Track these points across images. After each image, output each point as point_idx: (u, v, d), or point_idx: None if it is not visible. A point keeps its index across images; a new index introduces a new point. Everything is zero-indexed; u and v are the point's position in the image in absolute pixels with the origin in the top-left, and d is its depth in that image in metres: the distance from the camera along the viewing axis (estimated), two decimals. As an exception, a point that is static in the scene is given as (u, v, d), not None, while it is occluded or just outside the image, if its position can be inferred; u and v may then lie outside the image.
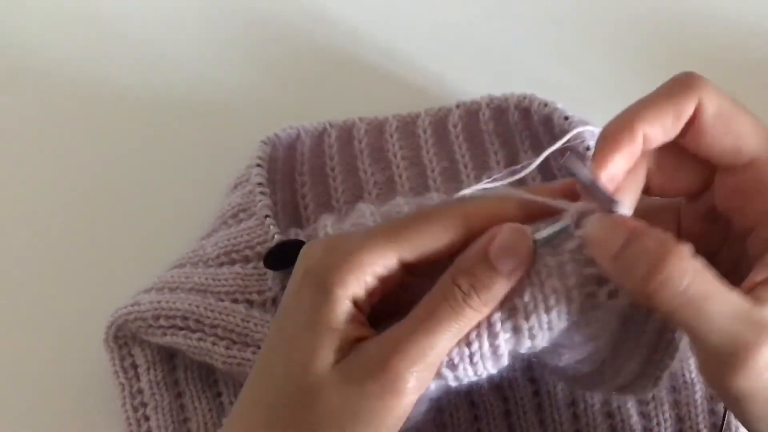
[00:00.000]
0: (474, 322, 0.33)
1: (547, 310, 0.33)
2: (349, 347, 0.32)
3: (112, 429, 0.47)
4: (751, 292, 0.31)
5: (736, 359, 0.30)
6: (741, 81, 0.55)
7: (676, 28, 0.58)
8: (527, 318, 0.33)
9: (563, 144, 0.38)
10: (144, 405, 0.47)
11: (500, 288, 0.33)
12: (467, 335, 0.33)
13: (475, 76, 0.56)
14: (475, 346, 0.33)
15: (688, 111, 0.33)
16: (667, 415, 0.46)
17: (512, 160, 0.52)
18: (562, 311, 0.33)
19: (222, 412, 0.47)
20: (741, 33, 0.57)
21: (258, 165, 0.49)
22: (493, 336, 0.33)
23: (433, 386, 0.34)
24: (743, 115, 0.33)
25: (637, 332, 0.37)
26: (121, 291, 0.48)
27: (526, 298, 0.33)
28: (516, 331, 0.33)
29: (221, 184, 0.51)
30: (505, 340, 0.34)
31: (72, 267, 0.52)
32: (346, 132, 0.53)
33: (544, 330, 0.33)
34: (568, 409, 0.46)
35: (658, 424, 0.46)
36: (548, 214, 0.34)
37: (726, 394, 0.31)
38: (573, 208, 0.33)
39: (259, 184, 0.48)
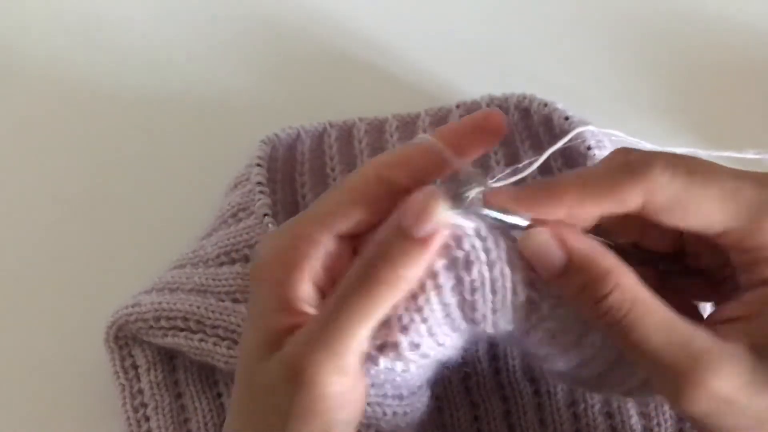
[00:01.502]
0: (388, 300, 0.31)
1: (491, 268, 0.32)
2: (281, 339, 0.31)
3: (112, 429, 0.47)
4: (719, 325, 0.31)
5: (680, 386, 0.30)
6: (740, 81, 0.55)
7: (675, 28, 0.58)
8: (469, 271, 0.32)
9: (564, 144, 0.37)
10: (144, 405, 0.47)
11: (415, 256, 0.30)
12: (415, 300, 0.32)
13: (475, 76, 0.56)
14: (426, 310, 0.32)
15: (631, 203, 0.30)
16: (667, 415, 0.46)
17: (512, 160, 0.52)
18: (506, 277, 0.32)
19: (222, 412, 0.47)
20: (741, 33, 0.57)
21: (258, 164, 0.49)
22: (440, 293, 0.32)
23: (413, 367, 0.33)
24: (703, 196, 0.30)
25: None
26: (121, 291, 0.48)
27: (466, 247, 0.31)
28: (459, 283, 0.32)
29: (221, 184, 0.51)
30: (457, 306, 0.33)
31: (72, 267, 0.52)
32: (347, 132, 0.53)
33: (486, 288, 0.32)
34: (568, 409, 0.46)
35: (658, 424, 0.46)
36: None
37: (685, 417, 0.32)
38: (465, 172, 0.31)
39: (259, 183, 0.48)
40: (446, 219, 0.30)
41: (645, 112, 0.54)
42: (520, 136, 0.52)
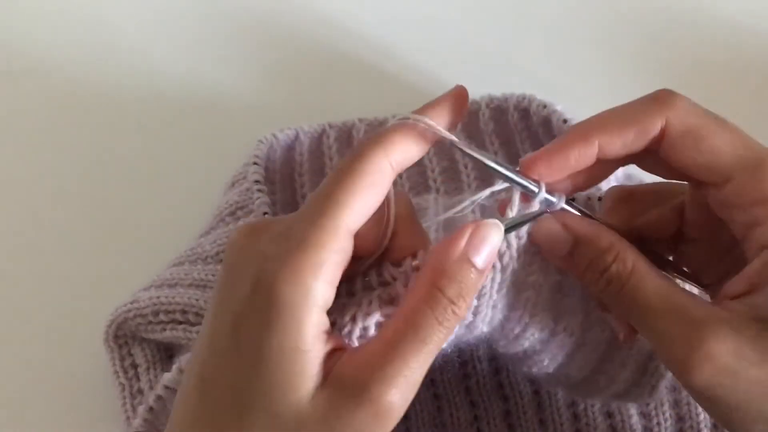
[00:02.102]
0: (456, 327, 0.31)
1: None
2: (325, 366, 0.30)
3: (112, 430, 0.47)
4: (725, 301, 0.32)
5: (683, 354, 0.30)
6: (740, 81, 0.55)
7: (675, 29, 0.58)
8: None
9: None
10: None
11: (479, 283, 0.31)
12: None
13: (475, 76, 0.56)
14: None
15: (653, 128, 0.32)
16: (667, 414, 0.46)
17: (512, 160, 0.52)
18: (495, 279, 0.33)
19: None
20: (740, 33, 0.57)
21: (255, 163, 0.49)
22: None
23: None
24: (717, 133, 0.32)
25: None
26: (120, 291, 0.48)
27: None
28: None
29: (221, 184, 0.52)
30: None
31: (72, 267, 0.52)
32: (346, 132, 0.53)
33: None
34: (568, 409, 0.46)
35: (658, 424, 0.46)
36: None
37: (692, 394, 0.32)
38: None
39: (256, 181, 0.48)
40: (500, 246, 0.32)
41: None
42: (520, 136, 0.52)
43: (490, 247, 0.31)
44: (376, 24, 0.58)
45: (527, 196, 0.33)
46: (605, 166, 0.34)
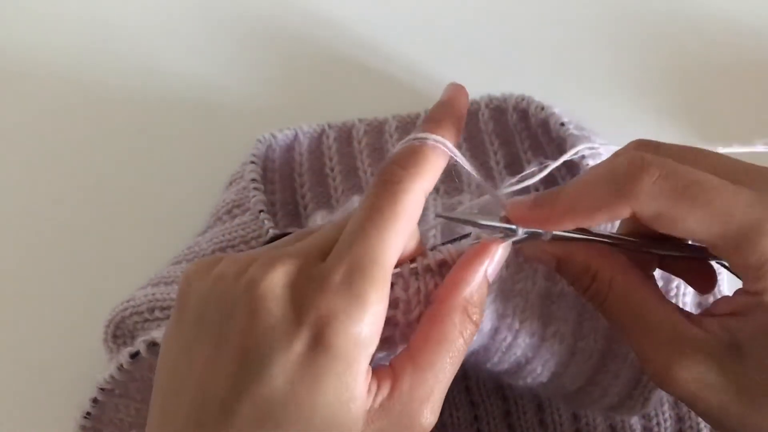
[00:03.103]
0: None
1: None
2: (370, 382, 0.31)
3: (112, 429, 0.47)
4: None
5: (654, 370, 0.32)
6: (741, 82, 0.55)
7: (676, 29, 0.58)
8: None
9: (565, 159, 0.38)
10: (144, 405, 0.47)
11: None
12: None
13: (475, 76, 0.55)
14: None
15: (622, 215, 0.31)
16: (667, 415, 0.46)
17: (512, 160, 0.52)
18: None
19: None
20: (740, 33, 0.57)
21: (252, 162, 0.49)
22: None
23: None
24: (690, 214, 0.30)
25: (625, 351, 0.38)
26: (120, 290, 0.48)
27: None
28: None
29: (220, 184, 0.52)
30: None
31: (71, 267, 0.52)
32: (346, 132, 0.53)
33: None
34: (567, 409, 0.46)
35: (658, 424, 0.46)
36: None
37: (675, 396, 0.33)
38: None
39: (253, 180, 0.48)
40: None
41: (645, 112, 0.54)
42: (520, 136, 0.52)
43: (500, 265, 0.33)
44: (376, 24, 0.58)
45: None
46: None
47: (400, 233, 0.31)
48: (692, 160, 0.32)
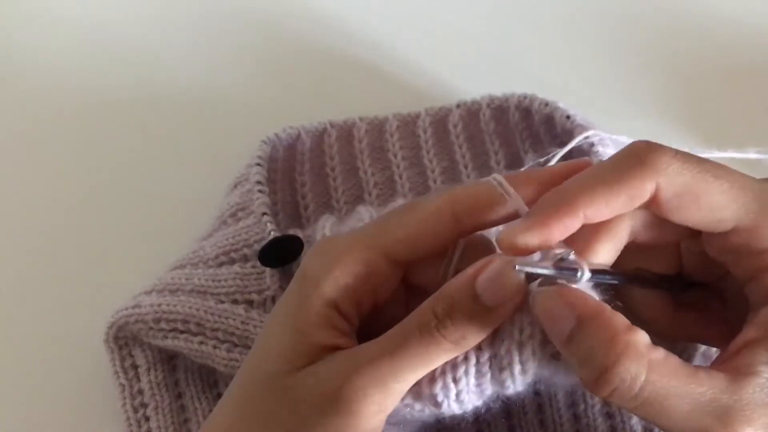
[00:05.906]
0: (447, 355, 0.30)
1: (522, 359, 0.31)
2: (317, 354, 0.31)
3: (112, 430, 0.47)
4: (736, 355, 0.29)
5: None
6: (741, 81, 0.55)
7: (676, 28, 0.57)
8: (511, 363, 0.31)
9: (571, 147, 0.38)
10: (144, 406, 0.47)
11: (483, 322, 0.30)
12: (455, 370, 0.31)
13: (475, 76, 0.56)
14: (462, 383, 0.31)
15: (643, 195, 0.29)
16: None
17: (513, 160, 0.52)
18: (535, 356, 0.31)
19: (222, 412, 0.47)
20: (741, 33, 0.57)
21: (257, 164, 0.49)
22: (480, 375, 0.32)
23: (427, 411, 0.33)
24: (714, 186, 0.29)
25: None
26: (121, 291, 0.48)
27: (506, 341, 0.31)
28: (501, 371, 0.31)
29: (222, 185, 0.51)
30: (490, 380, 0.32)
31: (72, 267, 0.52)
32: (347, 132, 0.53)
33: (521, 375, 0.32)
34: (568, 409, 0.46)
35: (659, 424, 0.45)
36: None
37: None
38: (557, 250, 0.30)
39: (258, 182, 0.48)
40: (519, 288, 0.30)
41: (645, 112, 0.54)
42: (521, 136, 0.52)
43: (498, 280, 0.29)
44: (377, 24, 0.58)
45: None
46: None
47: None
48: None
